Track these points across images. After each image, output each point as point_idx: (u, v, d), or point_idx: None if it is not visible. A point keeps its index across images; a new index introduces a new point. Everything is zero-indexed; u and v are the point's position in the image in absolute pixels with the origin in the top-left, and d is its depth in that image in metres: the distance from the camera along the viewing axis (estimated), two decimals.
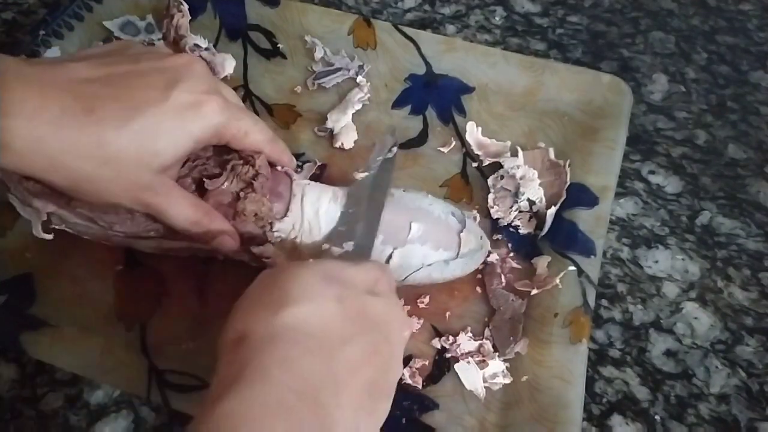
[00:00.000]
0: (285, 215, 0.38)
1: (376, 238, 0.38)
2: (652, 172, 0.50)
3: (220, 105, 0.33)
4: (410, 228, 0.38)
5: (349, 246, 0.37)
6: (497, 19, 0.60)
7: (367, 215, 0.38)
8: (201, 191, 0.36)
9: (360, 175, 0.40)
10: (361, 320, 0.29)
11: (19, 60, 0.30)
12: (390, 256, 0.38)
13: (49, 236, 0.35)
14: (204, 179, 0.36)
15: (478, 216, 0.44)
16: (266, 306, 0.28)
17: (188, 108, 0.32)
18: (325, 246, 0.37)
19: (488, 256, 0.43)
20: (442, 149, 0.49)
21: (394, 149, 0.42)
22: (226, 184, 0.36)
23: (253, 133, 0.36)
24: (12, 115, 0.28)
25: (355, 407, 0.28)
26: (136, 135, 0.30)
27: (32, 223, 0.35)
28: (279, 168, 0.39)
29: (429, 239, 0.39)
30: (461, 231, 0.40)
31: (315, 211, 0.38)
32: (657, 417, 0.40)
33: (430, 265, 0.39)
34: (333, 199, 0.39)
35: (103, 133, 0.30)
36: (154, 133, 0.31)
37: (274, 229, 0.38)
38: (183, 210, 0.34)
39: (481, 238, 0.42)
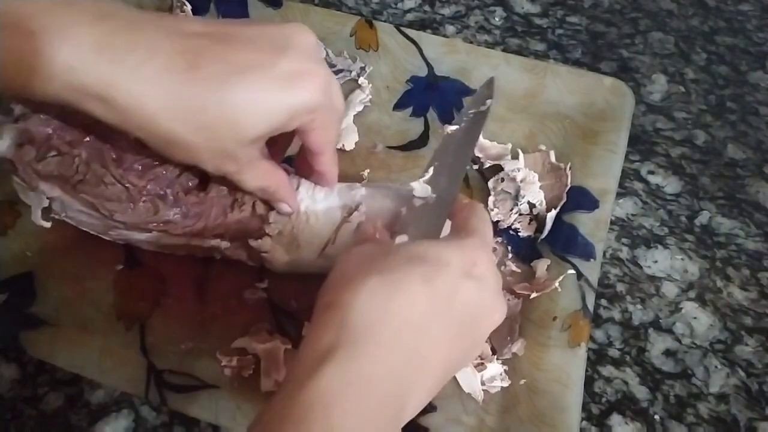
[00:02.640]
0: None
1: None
2: (651, 172, 0.50)
3: (322, 82, 0.31)
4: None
5: (424, 201, 0.37)
6: (497, 19, 0.60)
7: (452, 168, 0.38)
8: (204, 185, 0.36)
9: (451, 128, 0.39)
10: (449, 304, 0.29)
11: (128, 6, 0.29)
12: None
13: (47, 224, 0.35)
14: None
15: None
16: (355, 279, 0.28)
17: (292, 78, 0.30)
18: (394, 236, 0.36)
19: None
20: None
21: (489, 102, 0.40)
22: None
23: (333, 132, 0.35)
24: (117, 64, 0.27)
25: (428, 388, 0.29)
26: (236, 104, 0.29)
27: (32, 209, 0.35)
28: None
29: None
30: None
31: (312, 201, 0.38)
32: (656, 417, 0.40)
33: None
34: (329, 190, 0.39)
35: (204, 98, 0.28)
36: (253, 102, 0.29)
37: (270, 221, 0.38)
38: (257, 178, 0.34)
39: None
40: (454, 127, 0.39)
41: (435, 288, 0.28)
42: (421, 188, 0.38)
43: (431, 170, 0.38)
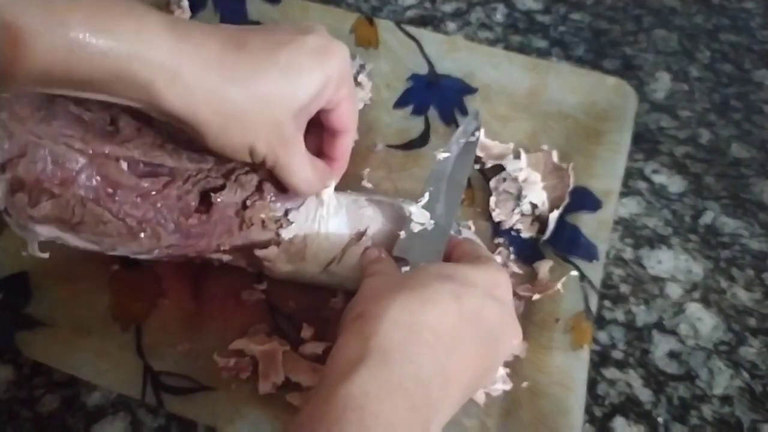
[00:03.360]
0: (298, 208, 0.38)
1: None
2: (655, 172, 0.50)
3: (345, 56, 0.35)
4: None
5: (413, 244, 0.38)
6: (498, 16, 0.59)
7: (447, 196, 0.40)
8: (207, 204, 0.36)
9: (441, 155, 0.41)
10: (476, 322, 0.30)
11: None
12: None
13: (45, 255, 0.35)
14: (210, 192, 0.35)
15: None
16: (385, 293, 0.30)
17: (322, 49, 0.33)
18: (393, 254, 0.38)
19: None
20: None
21: (478, 133, 0.43)
22: (231, 195, 0.36)
23: (356, 107, 0.37)
24: (183, 41, 0.29)
25: (453, 403, 0.30)
26: (282, 68, 0.32)
27: (28, 243, 0.35)
28: None
29: None
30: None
31: (321, 214, 0.38)
32: (660, 419, 0.39)
33: None
34: (338, 205, 0.39)
35: (256, 65, 0.32)
36: (296, 67, 0.32)
37: (283, 231, 0.37)
38: (304, 170, 0.35)
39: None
40: (445, 154, 0.41)
41: (463, 305, 0.30)
42: (419, 213, 0.39)
43: (427, 195, 0.39)
